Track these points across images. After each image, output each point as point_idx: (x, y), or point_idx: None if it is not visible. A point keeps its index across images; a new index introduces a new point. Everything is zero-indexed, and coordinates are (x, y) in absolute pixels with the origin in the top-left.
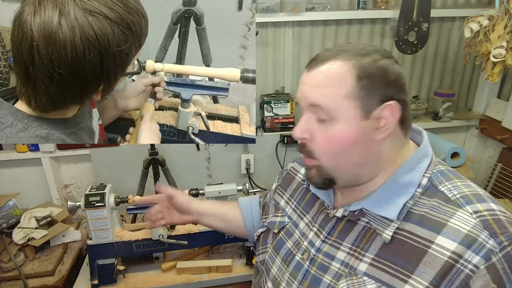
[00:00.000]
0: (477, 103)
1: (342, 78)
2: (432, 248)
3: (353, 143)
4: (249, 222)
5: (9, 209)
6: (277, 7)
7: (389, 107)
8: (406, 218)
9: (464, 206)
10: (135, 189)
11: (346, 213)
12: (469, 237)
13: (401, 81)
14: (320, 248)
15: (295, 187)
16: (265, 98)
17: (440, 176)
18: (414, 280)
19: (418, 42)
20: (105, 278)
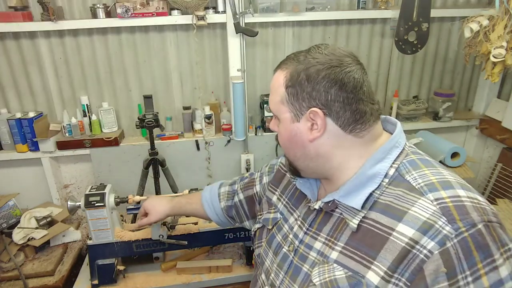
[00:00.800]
0: (477, 103)
1: (278, 85)
2: (392, 235)
3: (289, 141)
4: (212, 215)
5: (9, 209)
6: (277, 7)
7: (313, 113)
8: (372, 207)
9: (426, 194)
10: (135, 189)
11: (322, 205)
12: (426, 224)
13: (347, 87)
14: (302, 239)
15: (285, 184)
16: (265, 98)
17: (408, 166)
18: (375, 266)
19: (418, 42)
20: (105, 278)
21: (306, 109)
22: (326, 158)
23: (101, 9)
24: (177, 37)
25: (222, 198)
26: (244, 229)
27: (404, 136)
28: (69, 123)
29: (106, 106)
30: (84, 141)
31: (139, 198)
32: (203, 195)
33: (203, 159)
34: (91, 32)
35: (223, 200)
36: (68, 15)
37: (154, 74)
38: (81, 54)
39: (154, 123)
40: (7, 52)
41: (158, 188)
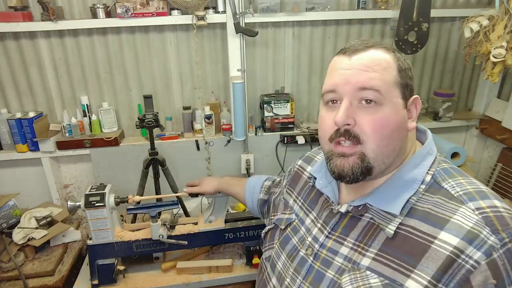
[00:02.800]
0: (477, 103)
1: (389, 65)
2: (435, 244)
3: (397, 129)
4: (249, 200)
5: (9, 209)
6: (277, 7)
7: (416, 100)
8: (410, 214)
9: (466, 203)
10: (135, 189)
11: (350, 208)
12: (471, 233)
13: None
14: (323, 243)
15: (302, 185)
16: (265, 98)
17: (444, 174)
18: (416, 274)
19: (418, 42)
20: (105, 278)
21: (409, 96)
22: (404, 154)
23: (101, 9)
24: (177, 37)
25: (262, 190)
26: (244, 229)
27: (434, 144)
28: (69, 123)
29: (106, 106)
30: (84, 141)
31: (139, 198)
32: (248, 181)
33: (203, 159)
34: (91, 32)
35: (262, 192)
36: (68, 15)
37: (154, 74)
38: (81, 54)
39: (154, 123)
40: (7, 52)
41: (158, 188)
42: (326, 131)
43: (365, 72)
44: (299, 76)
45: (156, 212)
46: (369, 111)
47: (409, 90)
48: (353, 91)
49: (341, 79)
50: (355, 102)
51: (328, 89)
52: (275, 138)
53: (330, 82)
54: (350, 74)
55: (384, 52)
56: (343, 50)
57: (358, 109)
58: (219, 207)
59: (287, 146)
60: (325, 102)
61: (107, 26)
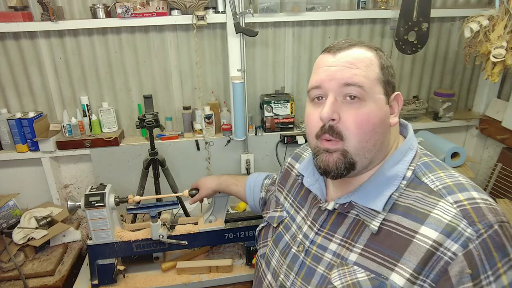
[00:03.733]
0: (477, 103)
1: (371, 62)
2: (416, 238)
3: (380, 124)
4: (250, 200)
5: (9, 209)
6: (277, 7)
7: (398, 96)
8: (392, 209)
9: (445, 197)
10: (135, 189)
11: (337, 206)
12: (449, 227)
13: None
14: (314, 240)
15: (291, 183)
16: (265, 98)
17: (424, 168)
18: (399, 268)
19: (418, 42)
20: (105, 278)
21: (391, 93)
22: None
23: (101, 9)
24: (177, 37)
25: (263, 189)
26: (244, 229)
27: (415, 138)
28: (69, 123)
29: (106, 106)
30: (84, 141)
31: (139, 198)
32: (248, 180)
33: (203, 159)
34: (91, 32)
35: (263, 191)
36: (68, 15)
37: (154, 74)
38: (81, 54)
39: (154, 123)
40: (7, 52)
41: (158, 188)
42: (312, 127)
43: (349, 69)
44: (299, 76)
45: (156, 212)
46: (353, 106)
47: (391, 87)
48: (337, 87)
49: (326, 75)
50: (339, 98)
51: (314, 85)
52: (275, 138)
53: (316, 78)
54: (335, 70)
55: (367, 50)
56: (328, 48)
57: (343, 104)
58: (219, 207)
59: (287, 146)
60: (311, 98)
61: (107, 26)
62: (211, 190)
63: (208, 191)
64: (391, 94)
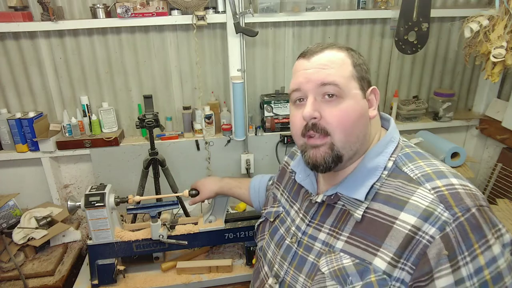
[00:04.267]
0: (477, 103)
1: (344, 61)
2: (396, 224)
3: (359, 117)
4: (255, 202)
5: (9, 209)
6: (277, 7)
7: (374, 90)
8: (374, 198)
9: (424, 184)
10: (135, 189)
11: (325, 198)
12: (426, 212)
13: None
14: (305, 231)
15: (286, 180)
16: (265, 98)
17: (405, 159)
18: (381, 252)
19: (418, 42)
20: (105, 278)
21: (367, 88)
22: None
23: (101, 9)
24: (177, 37)
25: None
26: (244, 229)
27: (398, 131)
28: (69, 123)
29: (106, 106)
30: (84, 141)
31: (139, 198)
32: (252, 182)
33: (203, 159)
34: (91, 32)
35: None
36: (68, 15)
37: (154, 74)
38: (81, 54)
39: (154, 123)
40: (7, 52)
41: (158, 188)
42: (296, 127)
43: (323, 70)
44: None
45: (156, 212)
46: (332, 104)
47: (366, 82)
48: (315, 87)
49: (303, 78)
50: (319, 98)
51: (293, 88)
52: (275, 138)
53: (294, 82)
54: (311, 73)
55: (338, 51)
56: (303, 54)
57: (323, 103)
58: (219, 207)
59: (287, 146)
60: (293, 101)
61: (107, 26)
62: (213, 192)
63: (210, 194)
64: (367, 89)
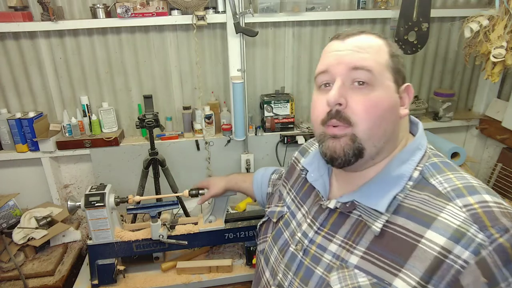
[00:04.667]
0: (477, 103)
1: (381, 49)
2: (421, 243)
3: (389, 111)
4: (258, 196)
5: (9, 209)
6: (277, 7)
7: (409, 88)
8: (397, 211)
9: (454, 200)
10: (135, 189)
11: (338, 205)
12: (458, 232)
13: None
14: (313, 239)
15: (295, 177)
16: (265, 98)
17: (432, 169)
18: (404, 274)
19: (418, 42)
20: (105, 278)
21: (401, 83)
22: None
23: (101, 9)
24: (177, 37)
25: (270, 184)
26: (244, 229)
27: (425, 137)
28: (69, 123)
29: (106, 106)
30: (84, 141)
31: (139, 198)
32: (255, 175)
33: (203, 159)
34: (91, 32)
35: (270, 186)
36: (68, 15)
37: (154, 74)
38: (81, 54)
39: (154, 123)
40: (7, 52)
41: (158, 188)
42: (318, 114)
43: (357, 53)
44: (299, 76)
45: (156, 212)
46: (361, 92)
47: (401, 77)
48: (345, 71)
49: (334, 59)
50: (347, 83)
51: (321, 69)
52: (275, 138)
53: (323, 62)
54: (343, 54)
55: (376, 37)
56: (336, 35)
57: (351, 90)
58: (219, 207)
59: (287, 146)
60: (318, 85)
61: (107, 26)
62: (221, 188)
63: (218, 190)
64: (401, 84)
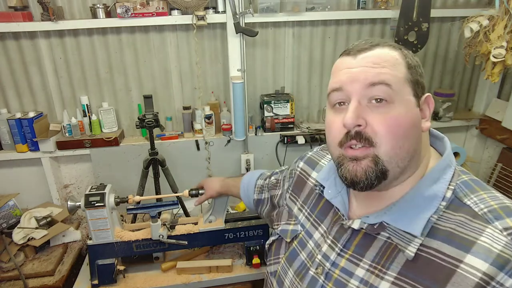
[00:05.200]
0: (477, 103)
1: (397, 62)
2: (461, 268)
3: (412, 128)
4: (246, 202)
5: (9, 209)
6: (277, 7)
7: (429, 98)
8: (431, 234)
9: (493, 222)
10: (135, 189)
11: (364, 226)
12: (501, 258)
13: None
14: (335, 262)
15: (307, 193)
16: (265, 98)
17: (465, 188)
18: None
19: (418, 42)
20: (105, 278)
21: (421, 94)
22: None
23: (101, 9)
24: (177, 37)
25: (255, 190)
26: (244, 229)
27: (452, 153)
28: (69, 123)
29: (106, 106)
30: (84, 141)
31: (139, 198)
32: (242, 181)
33: (203, 159)
34: (91, 32)
35: (255, 193)
36: (68, 15)
37: (154, 74)
38: (81, 54)
39: (154, 123)
40: (7, 52)
41: (158, 188)
42: (335, 135)
43: (373, 69)
44: (299, 76)
45: (156, 212)
46: (380, 110)
47: (421, 88)
48: (361, 89)
49: (347, 77)
50: (364, 102)
51: (334, 87)
52: (275, 138)
53: (336, 80)
54: (358, 72)
55: (391, 49)
56: (347, 51)
57: (368, 109)
58: (219, 207)
59: (287, 146)
60: (331, 104)
61: (107, 26)
62: (215, 192)
63: (213, 193)
64: (421, 95)
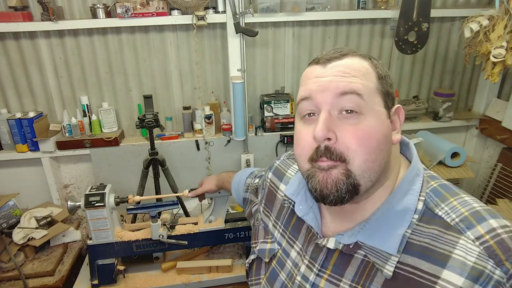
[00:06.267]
0: (477, 103)
1: (368, 71)
2: (438, 284)
3: (383, 140)
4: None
5: (9, 209)
6: (277, 7)
7: (399, 110)
8: (407, 250)
9: (465, 232)
10: (135, 189)
11: (340, 246)
12: (475, 270)
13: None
14: (315, 283)
15: (279, 208)
16: (265, 98)
17: (435, 197)
18: None
19: (418, 42)
20: (105, 278)
21: (391, 106)
22: (386, 171)
23: (101, 9)
24: (177, 37)
25: (245, 189)
26: (244, 229)
27: (419, 159)
28: (69, 123)
29: (106, 106)
30: (84, 141)
31: (139, 198)
32: (234, 178)
33: (203, 159)
34: (91, 32)
35: (244, 191)
36: (68, 15)
37: (154, 74)
38: (81, 54)
39: (154, 123)
40: (7, 52)
41: (158, 188)
42: (304, 149)
43: (344, 78)
44: (299, 76)
45: (156, 212)
46: (351, 121)
47: (391, 99)
48: (332, 98)
49: (317, 86)
50: (334, 113)
51: (303, 96)
52: (275, 138)
53: (304, 88)
54: (327, 80)
55: (361, 59)
56: (316, 60)
57: (339, 121)
58: (219, 207)
59: (287, 146)
60: (301, 115)
61: (107, 26)
62: (213, 185)
63: (210, 186)
64: (391, 107)
